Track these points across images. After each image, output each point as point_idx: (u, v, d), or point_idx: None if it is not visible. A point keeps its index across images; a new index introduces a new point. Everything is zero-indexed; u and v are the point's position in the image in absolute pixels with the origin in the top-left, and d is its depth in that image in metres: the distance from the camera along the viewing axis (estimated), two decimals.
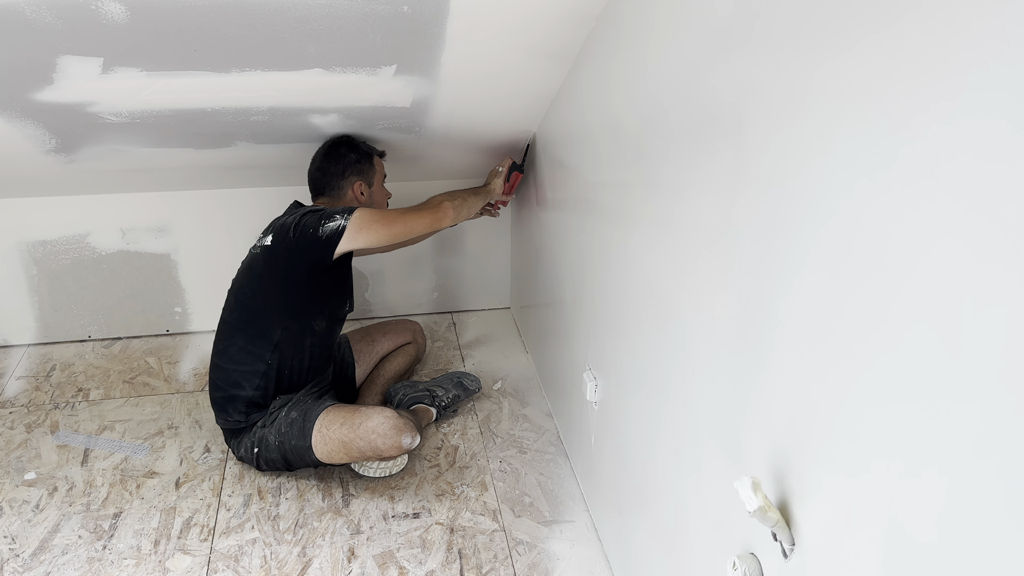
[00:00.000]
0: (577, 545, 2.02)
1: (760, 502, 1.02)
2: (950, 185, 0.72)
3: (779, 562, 1.09)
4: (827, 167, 0.91)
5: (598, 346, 1.94)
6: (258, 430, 2.15)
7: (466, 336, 3.04)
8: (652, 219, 1.50)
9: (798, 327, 1.00)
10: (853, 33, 0.85)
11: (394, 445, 2.08)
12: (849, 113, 0.87)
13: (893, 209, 0.80)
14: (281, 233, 2.11)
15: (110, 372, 2.76)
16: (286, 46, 1.73)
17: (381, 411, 2.11)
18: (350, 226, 2.05)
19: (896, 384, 0.81)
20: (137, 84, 1.84)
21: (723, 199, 1.19)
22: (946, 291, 0.74)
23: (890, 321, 0.82)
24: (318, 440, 2.09)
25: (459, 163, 2.71)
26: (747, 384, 1.15)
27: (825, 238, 0.92)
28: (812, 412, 0.98)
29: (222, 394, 2.19)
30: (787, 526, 1.05)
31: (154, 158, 2.37)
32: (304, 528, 2.07)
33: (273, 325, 2.14)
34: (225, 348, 2.20)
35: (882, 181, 0.81)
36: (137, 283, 2.89)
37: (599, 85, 1.77)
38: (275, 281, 2.14)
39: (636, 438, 1.70)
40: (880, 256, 0.83)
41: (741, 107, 1.11)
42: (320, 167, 2.30)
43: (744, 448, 1.17)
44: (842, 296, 0.90)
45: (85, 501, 2.15)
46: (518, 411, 2.57)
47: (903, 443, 0.81)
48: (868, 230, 0.85)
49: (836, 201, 0.90)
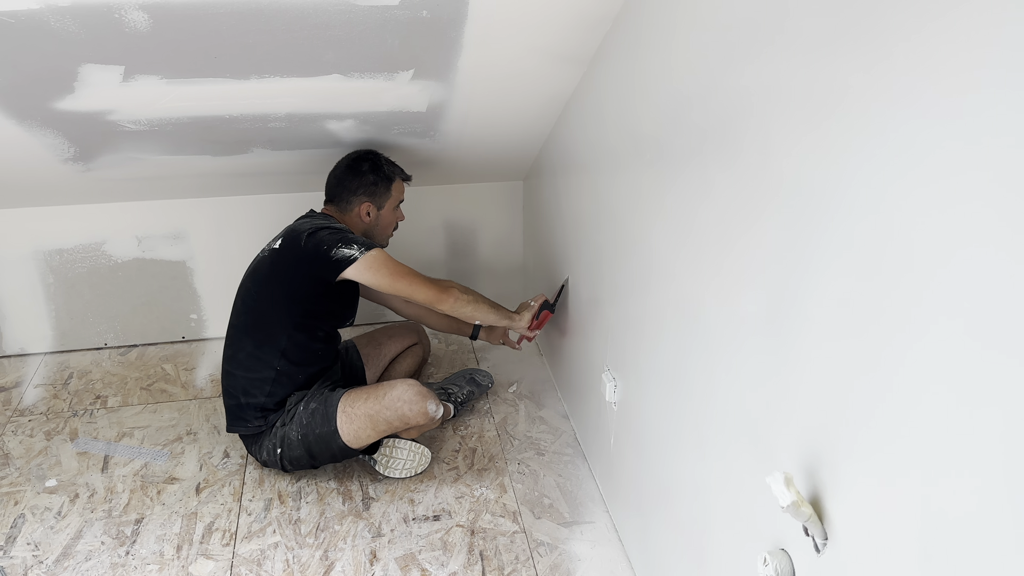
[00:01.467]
0: (598, 546, 2.03)
1: (793, 497, 1.03)
2: (985, 180, 0.73)
3: (811, 557, 1.10)
4: (859, 164, 0.92)
5: (617, 347, 1.95)
6: (278, 430, 2.16)
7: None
8: (673, 218, 1.51)
9: (828, 323, 1.01)
10: (887, 34, 0.86)
11: (421, 411, 2.10)
12: (882, 111, 0.87)
13: (926, 205, 0.81)
14: (292, 238, 2.12)
15: (127, 379, 2.78)
16: (305, 52, 1.74)
17: (403, 380, 2.15)
18: (362, 260, 2.07)
19: (932, 377, 0.82)
20: (157, 92, 1.86)
21: (749, 197, 1.20)
22: (980, 285, 0.74)
23: (924, 315, 0.82)
24: (343, 421, 2.10)
25: (471, 168, 2.72)
26: (776, 380, 1.16)
27: (856, 233, 0.93)
28: (845, 407, 0.99)
29: (235, 402, 2.19)
30: (819, 520, 1.06)
31: (170, 166, 2.39)
32: (325, 531, 2.08)
33: (278, 331, 2.14)
34: (234, 354, 2.20)
35: (915, 178, 0.82)
36: (153, 290, 2.90)
37: (616, 86, 1.78)
38: (279, 286, 2.14)
39: (658, 437, 1.70)
40: (912, 251, 0.83)
41: (768, 106, 1.12)
42: (338, 176, 2.30)
43: (773, 444, 1.18)
44: (874, 291, 0.91)
45: (107, 507, 2.16)
46: (534, 413, 2.58)
47: (942, 436, 0.81)
48: (901, 225, 0.86)
49: (868, 197, 0.90)
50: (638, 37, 1.61)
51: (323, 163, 2.49)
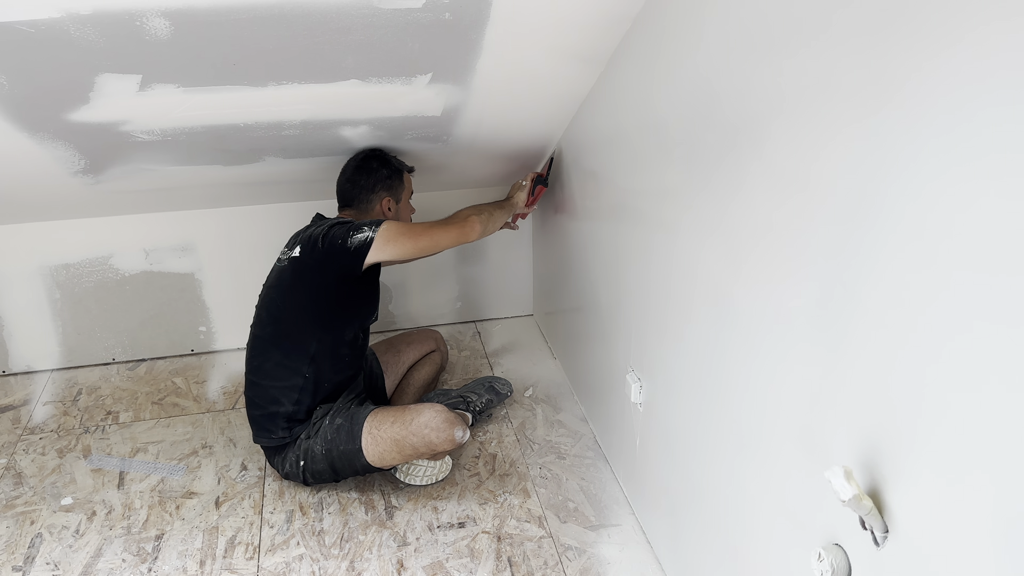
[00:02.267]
0: (626, 548, 2.01)
1: (855, 490, 1.02)
2: None
3: (868, 551, 1.09)
4: (917, 151, 0.91)
5: (641, 348, 1.94)
6: (303, 442, 2.13)
7: (492, 344, 3.04)
8: (704, 216, 1.50)
9: (885, 315, 1.00)
10: (941, 26, 0.86)
11: (448, 439, 2.08)
12: (937, 102, 0.87)
13: (986, 196, 0.81)
14: (309, 244, 2.11)
15: (137, 394, 2.74)
16: (324, 58, 1.73)
17: (431, 406, 2.12)
18: (378, 238, 2.07)
19: (1006, 368, 0.81)
20: (173, 101, 1.84)
21: (792, 190, 1.19)
22: None
23: (989, 303, 0.82)
24: (368, 442, 2.08)
25: (482, 172, 2.71)
26: (828, 375, 1.15)
27: (914, 223, 0.93)
28: (906, 399, 0.98)
29: (261, 412, 2.17)
30: (880, 514, 1.05)
31: (180, 176, 2.37)
32: (350, 542, 2.06)
33: (308, 337, 2.13)
34: (260, 364, 2.18)
35: (971, 170, 0.82)
36: (161, 303, 2.87)
37: (637, 85, 1.78)
38: (306, 292, 2.13)
39: (690, 437, 1.69)
40: (982, 238, 0.83)
41: (815, 97, 1.11)
42: (351, 179, 2.31)
43: (824, 439, 1.17)
44: (934, 283, 0.90)
45: (125, 524, 2.13)
46: (552, 417, 2.56)
47: (1015, 427, 0.81)
48: (962, 214, 0.85)
49: (926, 185, 0.90)
50: (662, 34, 1.60)
51: (333, 170, 2.47)
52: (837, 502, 1.11)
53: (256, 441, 2.22)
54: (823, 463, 1.17)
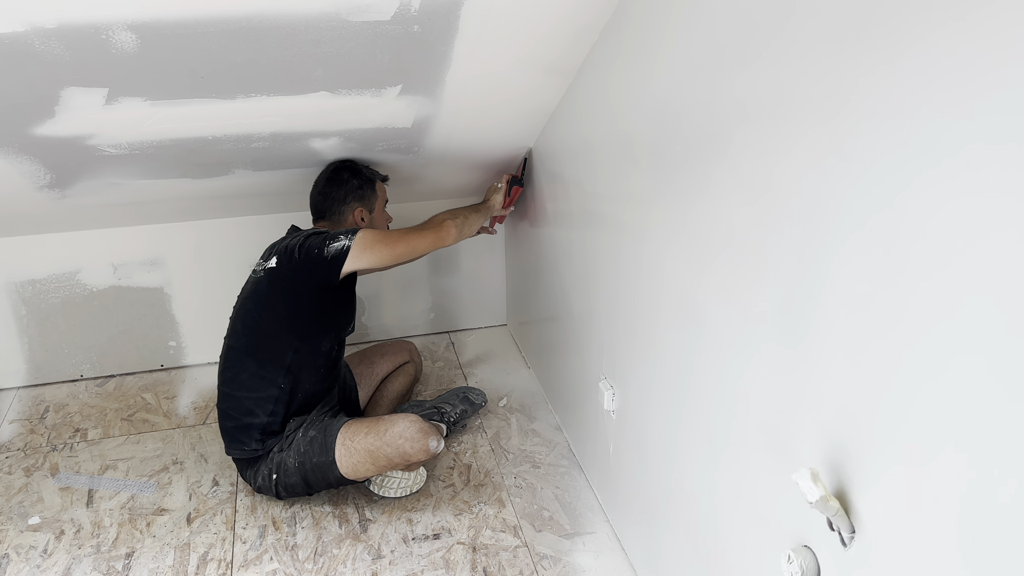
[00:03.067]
0: (601, 556, 2.02)
1: (821, 492, 1.04)
2: (1002, 174, 0.75)
3: (836, 552, 1.10)
4: (872, 156, 0.93)
5: (613, 355, 1.95)
6: (275, 455, 2.12)
7: (466, 355, 3.04)
8: (670, 224, 1.52)
9: (848, 317, 1.02)
10: (893, 39, 0.88)
11: (422, 449, 2.07)
12: (894, 109, 0.89)
13: (942, 196, 0.83)
14: (286, 255, 2.11)
15: (106, 411, 2.71)
16: (294, 70, 1.73)
17: (405, 417, 2.11)
18: (354, 246, 2.07)
19: (965, 365, 0.83)
20: (140, 114, 1.83)
21: (755, 194, 1.21)
22: (1002, 272, 0.76)
23: (948, 302, 0.84)
24: (342, 453, 2.07)
25: (455, 183, 2.72)
26: (793, 378, 1.17)
27: (874, 225, 0.95)
28: (869, 400, 1.00)
29: (235, 423, 2.15)
30: (846, 514, 1.07)
31: (149, 190, 2.35)
32: (324, 556, 2.04)
33: (284, 348, 2.13)
34: (235, 376, 2.16)
35: (928, 169, 0.84)
36: (130, 319, 2.84)
37: (605, 96, 1.80)
38: (282, 302, 2.12)
39: (662, 443, 1.71)
40: (936, 240, 0.85)
41: (777, 104, 1.13)
42: (322, 191, 2.31)
43: (792, 441, 1.19)
44: (894, 284, 0.92)
45: (95, 543, 2.10)
46: (527, 426, 2.57)
47: (975, 423, 0.83)
48: (919, 216, 0.87)
49: (882, 191, 0.92)
50: (628, 46, 1.62)
51: (304, 182, 2.47)
52: (805, 504, 1.12)
53: (228, 453, 2.20)
54: (791, 465, 1.19)
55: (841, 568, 1.10)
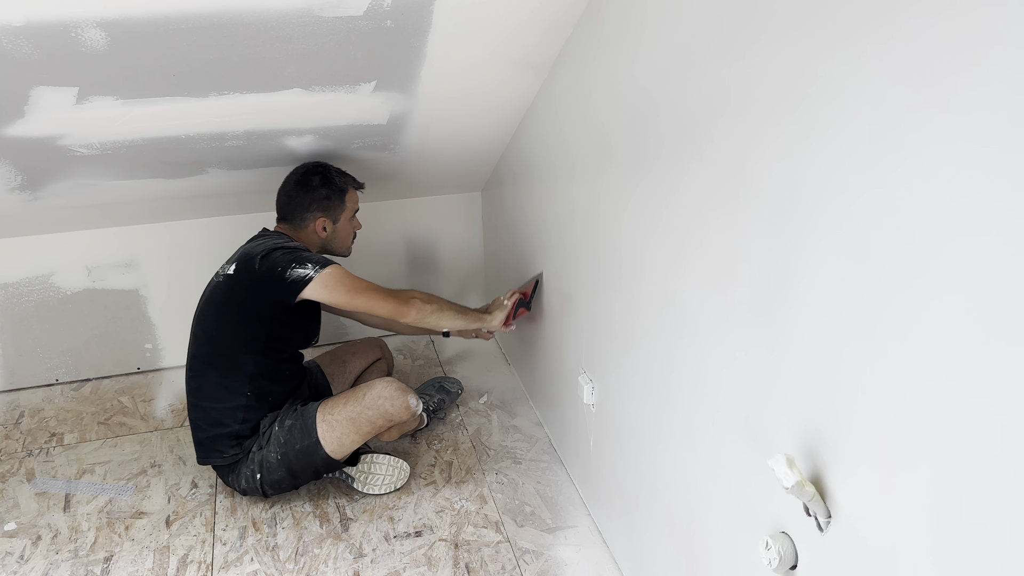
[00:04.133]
0: (583, 549, 2.02)
1: (797, 477, 1.05)
2: (977, 169, 0.76)
3: (813, 537, 1.11)
4: (846, 147, 0.94)
5: (592, 349, 1.96)
6: (255, 455, 2.11)
7: (446, 353, 3.04)
8: (648, 216, 1.53)
9: (822, 304, 1.03)
10: (867, 30, 0.89)
11: (403, 406, 2.09)
12: (864, 102, 0.90)
13: (918, 188, 0.84)
14: (246, 262, 2.05)
15: (83, 415, 2.68)
16: (266, 67, 1.72)
17: (381, 378, 2.15)
18: (316, 280, 2.00)
19: (936, 350, 0.84)
20: (112, 113, 1.81)
21: (730, 187, 1.22)
22: (975, 262, 0.77)
23: (922, 289, 0.85)
24: (324, 430, 2.06)
25: (432, 181, 2.72)
26: (769, 366, 1.18)
27: (846, 214, 0.96)
28: (843, 386, 1.01)
29: (207, 435, 2.13)
30: (822, 499, 1.08)
31: (122, 191, 2.33)
32: (305, 556, 2.03)
33: (244, 357, 2.08)
34: (200, 386, 2.13)
35: (903, 161, 0.85)
36: (105, 322, 2.81)
37: (580, 90, 1.80)
38: (239, 313, 2.07)
39: (642, 435, 1.71)
40: (908, 228, 0.86)
41: (749, 96, 1.14)
42: (288, 193, 2.23)
43: (768, 429, 1.20)
44: (866, 270, 0.93)
45: (72, 547, 2.07)
46: (507, 422, 2.57)
47: (950, 408, 0.84)
48: (894, 206, 0.88)
49: (856, 181, 0.93)
50: (603, 39, 1.63)
51: (279, 181, 2.45)
52: (782, 491, 1.13)
53: (203, 463, 2.18)
54: (768, 453, 1.20)
55: (818, 553, 1.11)
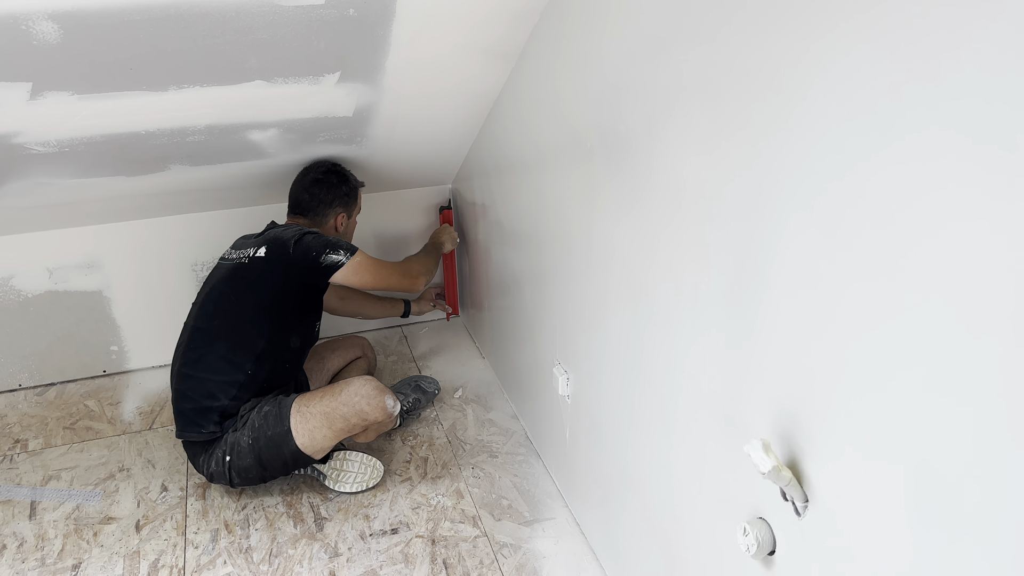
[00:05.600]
0: (561, 541, 2.01)
1: (773, 462, 1.04)
2: (955, 151, 0.75)
3: (791, 522, 1.11)
4: (819, 133, 0.94)
5: (566, 340, 1.95)
6: (229, 436, 2.08)
7: (419, 348, 3.01)
8: (618, 205, 1.51)
9: (795, 289, 1.02)
10: (835, 8, 0.88)
11: (379, 406, 2.09)
12: (824, 89, 0.89)
13: (889, 171, 0.83)
14: (278, 246, 2.15)
15: (47, 420, 2.61)
16: (227, 58, 1.68)
17: (359, 376, 2.16)
18: (348, 265, 2.16)
19: (910, 333, 0.84)
20: (68, 109, 1.75)
21: (696, 171, 1.21)
22: (948, 237, 0.77)
23: (896, 273, 0.84)
24: (297, 421, 2.05)
25: (401, 174, 2.69)
26: (743, 352, 1.17)
27: (820, 198, 0.95)
28: (818, 369, 1.00)
29: (193, 405, 2.11)
30: (799, 484, 1.07)
31: (82, 190, 2.27)
32: (279, 557, 2.00)
33: (258, 336, 2.14)
34: (201, 357, 2.14)
35: (877, 146, 0.84)
36: (68, 324, 2.74)
37: (548, 79, 1.78)
38: (266, 290, 2.15)
39: (617, 425, 1.70)
40: (881, 213, 0.85)
41: (717, 81, 1.13)
42: (309, 190, 2.35)
43: (744, 415, 1.19)
44: (839, 255, 0.92)
45: (39, 556, 2.02)
46: (483, 416, 2.55)
47: (925, 389, 0.83)
48: (865, 189, 0.88)
49: (829, 162, 0.92)
50: (568, 28, 1.61)
51: (244, 177, 2.41)
52: (759, 477, 1.12)
53: (181, 436, 2.15)
54: (744, 439, 1.19)
55: (796, 537, 1.11)
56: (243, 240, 2.26)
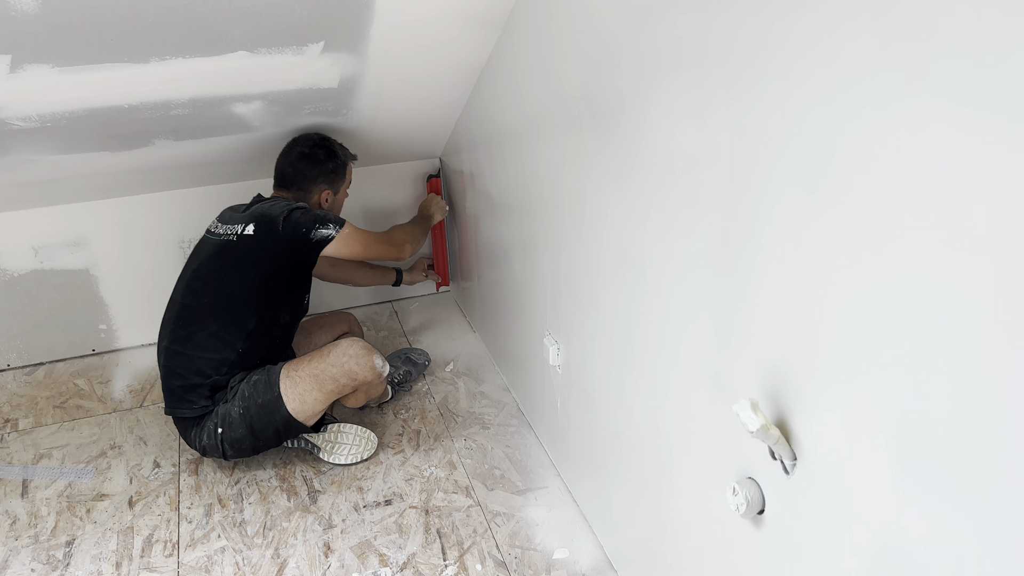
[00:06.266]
0: (554, 509, 2.03)
1: (761, 421, 1.04)
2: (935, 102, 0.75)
3: (780, 480, 1.12)
4: (802, 88, 0.93)
5: (556, 310, 1.95)
6: (220, 408, 2.08)
7: (410, 323, 3.01)
8: (607, 171, 1.51)
9: (782, 247, 1.02)
10: None
11: (368, 365, 2.11)
12: (826, 29, 0.89)
13: (873, 123, 0.83)
14: (267, 222, 2.12)
15: (37, 399, 2.61)
16: (209, 28, 1.66)
17: (347, 338, 2.19)
18: (338, 239, 2.16)
19: (893, 287, 0.84)
20: (48, 82, 1.73)
21: (686, 135, 1.20)
22: (934, 189, 0.77)
23: (879, 225, 0.84)
24: (287, 385, 2.06)
25: (388, 148, 2.67)
26: (731, 313, 1.17)
27: (805, 156, 0.95)
28: (805, 327, 1.00)
29: (183, 382, 2.11)
30: (787, 442, 1.08)
31: (66, 166, 2.24)
32: (273, 530, 2.01)
33: (248, 313, 2.13)
34: (190, 335, 2.12)
35: (858, 95, 0.84)
36: (56, 303, 2.72)
37: (536, 47, 1.77)
38: (256, 268, 2.14)
39: (608, 393, 1.71)
40: (861, 165, 0.85)
41: (704, 40, 1.12)
42: (294, 164, 2.30)
43: (733, 377, 1.20)
44: (825, 210, 0.92)
45: (32, 533, 2.02)
46: (474, 389, 2.56)
47: (911, 345, 0.84)
48: (849, 145, 0.87)
49: (813, 118, 0.92)
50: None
51: (229, 152, 2.39)
52: (748, 437, 1.13)
53: (172, 412, 2.15)
54: (733, 401, 1.19)
55: (785, 495, 1.12)
56: (231, 213, 2.23)
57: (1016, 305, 0.70)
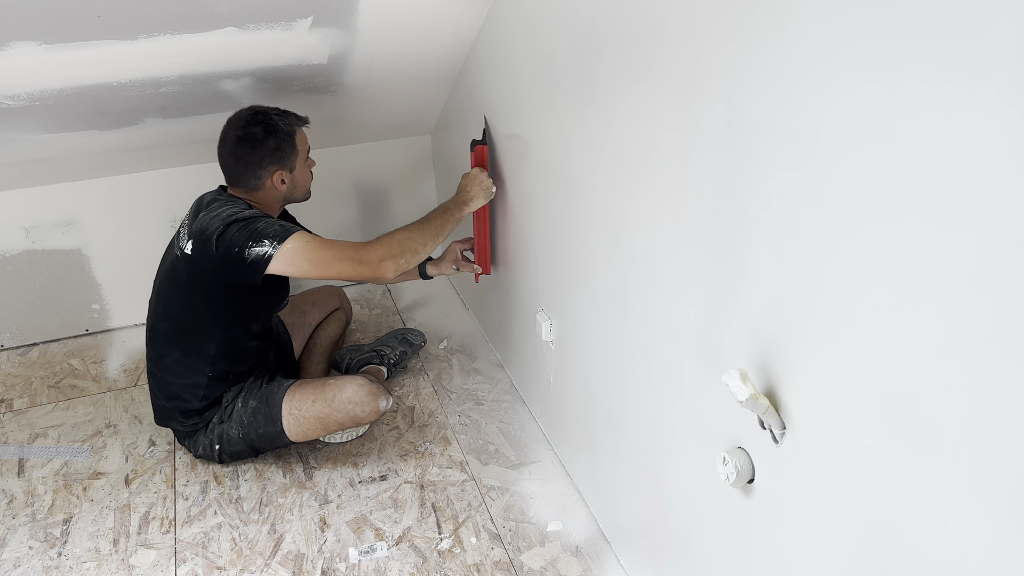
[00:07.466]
0: (547, 483, 2.05)
1: (751, 390, 1.05)
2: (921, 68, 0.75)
3: (769, 449, 1.13)
4: (791, 57, 0.93)
5: (549, 285, 1.95)
6: (215, 427, 2.08)
7: (403, 301, 3.01)
8: (597, 145, 1.51)
9: (772, 218, 1.03)
10: None
11: (372, 411, 2.06)
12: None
13: (868, 97, 0.83)
14: (202, 241, 1.88)
15: (31, 379, 2.61)
16: (197, 4, 1.65)
17: (352, 380, 2.06)
18: (277, 256, 1.84)
19: (880, 256, 0.85)
20: (36, 60, 1.72)
21: (676, 106, 1.20)
22: (925, 163, 0.77)
23: (869, 198, 0.85)
24: (291, 423, 2.04)
25: (379, 124, 2.66)
26: (721, 285, 1.18)
27: (796, 126, 0.95)
28: (795, 297, 1.01)
29: (166, 404, 2.10)
30: (776, 411, 1.09)
31: (55, 145, 2.23)
32: (269, 506, 2.02)
33: (207, 339, 2.00)
34: (159, 359, 2.07)
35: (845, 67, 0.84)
36: (48, 283, 2.72)
37: (525, 18, 1.76)
38: (200, 295, 1.96)
39: (600, 367, 1.72)
40: (851, 137, 0.86)
41: (692, 13, 1.12)
42: (233, 154, 1.96)
43: (723, 348, 1.20)
44: (816, 181, 0.93)
45: (29, 511, 2.04)
46: (468, 366, 2.57)
47: (898, 313, 0.84)
48: (841, 117, 0.87)
49: (805, 90, 0.92)
50: None
51: (219, 129, 2.37)
52: (737, 407, 1.14)
53: (162, 425, 2.16)
54: (723, 372, 1.20)
55: (774, 464, 1.13)
56: (194, 210, 2.00)
57: (999, 273, 0.71)
